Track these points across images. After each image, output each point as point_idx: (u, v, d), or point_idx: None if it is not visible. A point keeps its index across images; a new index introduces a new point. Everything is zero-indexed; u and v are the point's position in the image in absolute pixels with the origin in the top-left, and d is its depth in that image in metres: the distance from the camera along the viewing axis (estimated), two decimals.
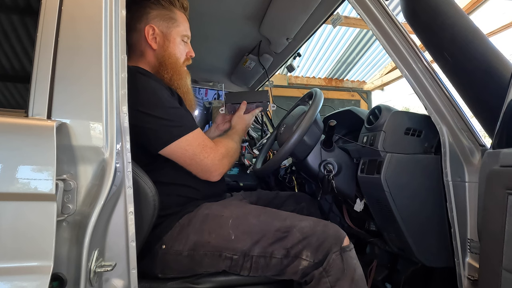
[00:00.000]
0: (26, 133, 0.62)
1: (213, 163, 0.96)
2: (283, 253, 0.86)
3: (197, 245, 0.89)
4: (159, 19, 1.05)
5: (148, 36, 1.04)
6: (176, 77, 1.08)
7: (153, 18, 1.05)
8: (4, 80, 0.80)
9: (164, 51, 1.06)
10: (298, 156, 1.10)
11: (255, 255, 0.87)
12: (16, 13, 0.81)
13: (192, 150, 0.93)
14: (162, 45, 1.06)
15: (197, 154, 0.94)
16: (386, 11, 0.96)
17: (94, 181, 0.67)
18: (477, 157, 0.92)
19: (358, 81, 5.79)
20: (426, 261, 1.02)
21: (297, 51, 1.76)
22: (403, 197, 0.99)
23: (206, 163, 0.95)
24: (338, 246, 0.86)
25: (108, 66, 0.70)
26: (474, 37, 0.87)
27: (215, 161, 0.96)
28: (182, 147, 0.92)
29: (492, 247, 0.72)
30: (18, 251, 0.57)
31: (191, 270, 0.91)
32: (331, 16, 1.37)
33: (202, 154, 0.94)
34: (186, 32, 1.10)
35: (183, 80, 1.10)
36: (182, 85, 1.10)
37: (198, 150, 0.94)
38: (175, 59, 1.07)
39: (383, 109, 1.05)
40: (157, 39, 1.05)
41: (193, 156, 0.93)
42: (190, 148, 0.92)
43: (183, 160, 0.94)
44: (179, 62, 1.09)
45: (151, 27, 1.04)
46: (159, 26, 1.05)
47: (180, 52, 1.09)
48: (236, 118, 1.23)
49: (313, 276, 0.84)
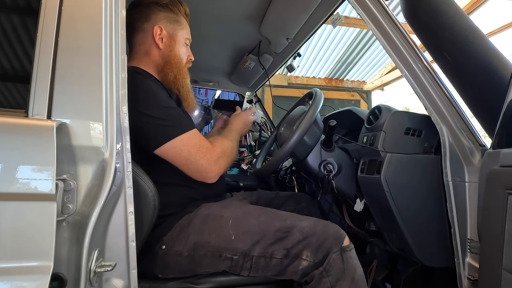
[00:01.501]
0: (26, 133, 0.62)
1: (209, 164, 0.95)
2: (283, 253, 0.87)
3: (197, 246, 0.89)
4: (167, 21, 1.10)
5: (156, 36, 1.08)
6: (180, 76, 1.12)
7: (161, 20, 1.09)
8: (4, 80, 0.80)
9: (170, 51, 1.10)
10: (298, 156, 1.10)
11: (255, 255, 0.87)
12: (16, 13, 0.81)
13: (187, 150, 0.92)
14: (168, 45, 1.10)
15: (193, 154, 0.93)
16: (386, 11, 0.96)
17: (94, 181, 0.67)
18: (477, 157, 0.92)
19: (358, 81, 5.79)
20: (426, 261, 1.02)
21: (297, 51, 1.76)
22: (403, 197, 0.99)
23: (202, 164, 0.94)
24: (338, 246, 0.86)
25: (108, 66, 0.70)
26: (474, 37, 0.87)
27: (211, 161, 0.96)
28: (176, 147, 0.91)
29: (492, 247, 0.72)
30: (18, 251, 0.57)
31: (191, 271, 0.91)
32: (331, 16, 1.37)
33: (197, 154, 0.94)
34: (188, 36, 1.17)
35: (186, 79, 1.14)
36: (186, 84, 1.14)
37: (194, 151, 0.93)
38: (179, 59, 1.12)
39: (383, 109, 1.05)
40: (163, 40, 1.09)
41: (188, 156, 0.92)
42: (185, 148, 0.92)
43: (179, 161, 0.93)
44: (182, 63, 1.14)
45: (159, 28, 1.08)
46: (166, 27, 1.10)
47: (183, 53, 1.14)
48: (233, 117, 1.27)
49: (313, 276, 0.84)
